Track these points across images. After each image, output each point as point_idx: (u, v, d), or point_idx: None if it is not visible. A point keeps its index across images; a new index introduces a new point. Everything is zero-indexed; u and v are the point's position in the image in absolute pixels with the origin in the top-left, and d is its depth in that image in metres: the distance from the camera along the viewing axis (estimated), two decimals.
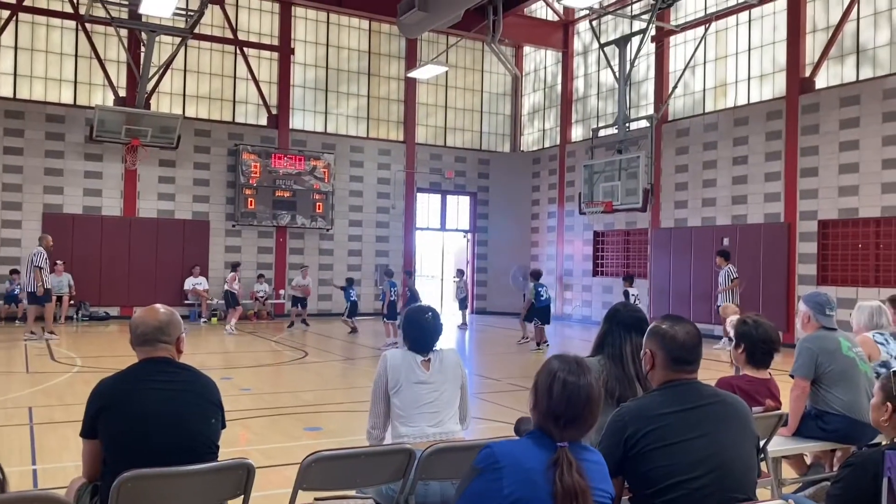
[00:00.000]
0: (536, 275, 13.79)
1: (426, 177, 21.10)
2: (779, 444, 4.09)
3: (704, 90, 16.95)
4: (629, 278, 15.66)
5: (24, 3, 16.57)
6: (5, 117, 16.33)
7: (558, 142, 21.01)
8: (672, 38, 17.57)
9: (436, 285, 24.33)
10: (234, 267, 16.57)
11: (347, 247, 19.91)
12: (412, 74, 19.03)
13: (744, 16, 16.04)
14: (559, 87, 21.16)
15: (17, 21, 16.63)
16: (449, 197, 21.79)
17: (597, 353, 3.47)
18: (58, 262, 15.75)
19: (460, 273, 19.23)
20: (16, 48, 16.68)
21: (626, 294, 14.90)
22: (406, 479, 3.01)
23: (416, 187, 20.91)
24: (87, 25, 16.82)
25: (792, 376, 4.25)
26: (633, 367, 3.35)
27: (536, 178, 21.65)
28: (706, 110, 16.80)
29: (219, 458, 2.77)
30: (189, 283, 17.63)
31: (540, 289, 13.32)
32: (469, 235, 22.14)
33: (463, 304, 18.65)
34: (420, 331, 3.57)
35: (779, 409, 4.08)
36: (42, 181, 16.65)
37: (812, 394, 4.22)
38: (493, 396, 8.39)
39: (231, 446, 5.80)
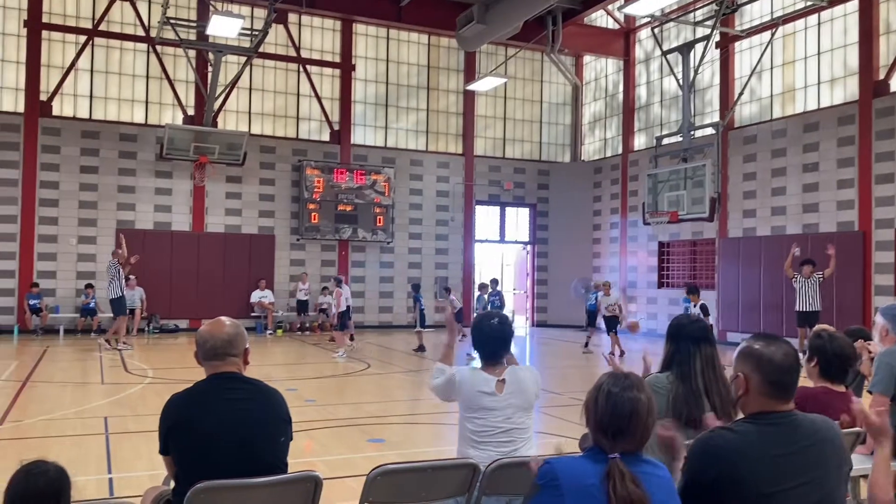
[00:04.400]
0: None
1: (485, 189, 21.13)
2: (858, 463, 3.92)
3: (772, 96, 16.50)
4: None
5: (100, 28, 17.34)
6: (82, 137, 17.09)
7: (620, 151, 20.76)
8: (738, 44, 17.19)
9: None
10: (339, 282, 14.75)
11: (407, 259, 20.07)
12: (471, 87, 19.12)
13: (812, 19, 15.58)
14: (621, 96, 20.93)
15: (92, 45, 17.40)
16: (508, 209, 21.76)
17: (665, 370, 3.41)
18: (130, 276, 16.36)
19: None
20: (91, 71, 17.44)
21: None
22: (471, 493, 3.01)
23: (475, 199, 20.95)
24: (158, 47, 17.50)
25: (870, 392, 4.09)
26: (702, 381, 3.27)
27: (598, 188, 21.42)
28: (774, 116, 16.35)
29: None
30: (255, 296, 18.03)
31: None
32: (529, 247, 22.05)
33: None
34: (483, 337, 3.47)
35: (855, 425, 3.92)
36: (116, 198, 17.33)
37: (893, 411, 4.04)
38: (557, 411, 8.31)
39: (296, 457, 5.89)
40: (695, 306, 12.99)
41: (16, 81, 16.78)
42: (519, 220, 21.99)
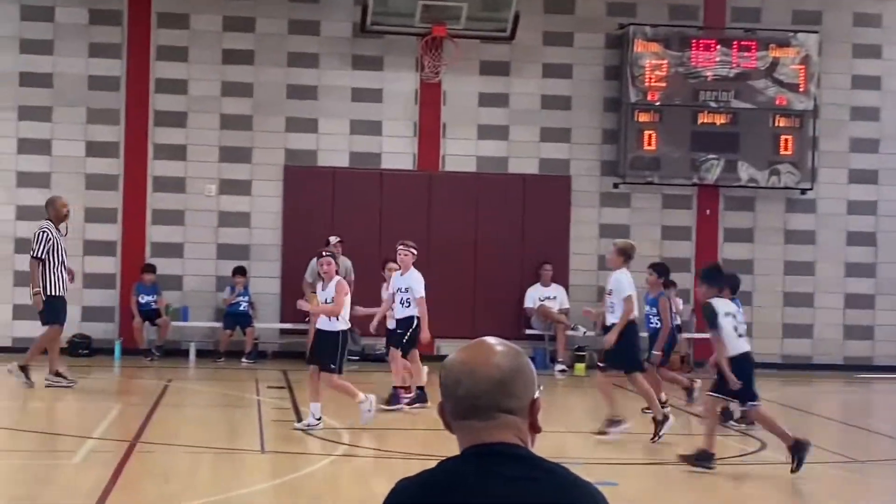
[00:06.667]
0: None
1: None
2: None
3: None
4: None
5: None
6: None
7: None
8: None
9: None
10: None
11: (845, 226, 19.56)
12: None
13: None
14: None
15: None
16: None
17: None
18: (333, 238, 17.44)
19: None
20: None
21: None
22: None
23: None
24: None
25: None
26: None
27: None
28: None
29: None
30: (533, 297, 18.47)
31: None
32: None
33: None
34: None
35: None
36: (282, 109, 18.79)
37: None
38: None
39: None
40: None
41: None
42: None
